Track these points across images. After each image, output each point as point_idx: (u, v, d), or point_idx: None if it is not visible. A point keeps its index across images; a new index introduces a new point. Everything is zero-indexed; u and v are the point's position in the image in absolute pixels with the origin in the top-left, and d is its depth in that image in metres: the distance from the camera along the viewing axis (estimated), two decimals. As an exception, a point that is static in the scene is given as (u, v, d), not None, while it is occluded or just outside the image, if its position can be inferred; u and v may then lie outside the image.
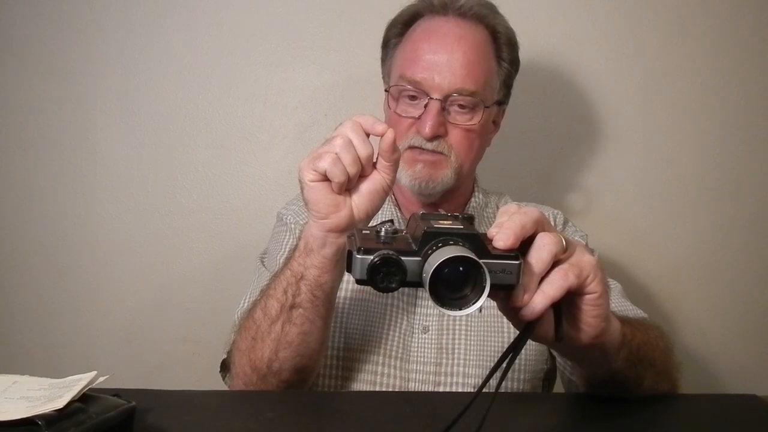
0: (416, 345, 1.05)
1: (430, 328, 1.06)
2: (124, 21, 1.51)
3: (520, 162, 1.53)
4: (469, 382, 1.03)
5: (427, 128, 1.05)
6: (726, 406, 0.87)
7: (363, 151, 0.80)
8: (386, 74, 1.19)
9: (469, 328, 1.06)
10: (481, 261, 0.56)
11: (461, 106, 1.08)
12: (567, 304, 0.65)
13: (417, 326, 1.06)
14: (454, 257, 0.56)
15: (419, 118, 1.07)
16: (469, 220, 0.64)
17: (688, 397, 0.88)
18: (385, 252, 0.58)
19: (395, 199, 1.18)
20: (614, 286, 1.13)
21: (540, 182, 1.54)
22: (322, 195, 0.81)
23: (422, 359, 1.05)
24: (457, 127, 1.08)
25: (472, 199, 1.20)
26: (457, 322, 1.06)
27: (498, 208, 1.21)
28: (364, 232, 0.62)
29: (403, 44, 1.14)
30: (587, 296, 0.65)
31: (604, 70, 1.52)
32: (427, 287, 0.57)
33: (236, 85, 1.53)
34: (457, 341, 1.05)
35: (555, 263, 0.63)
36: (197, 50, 1.52)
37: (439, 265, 0.56)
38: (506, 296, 0.62)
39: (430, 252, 0.57)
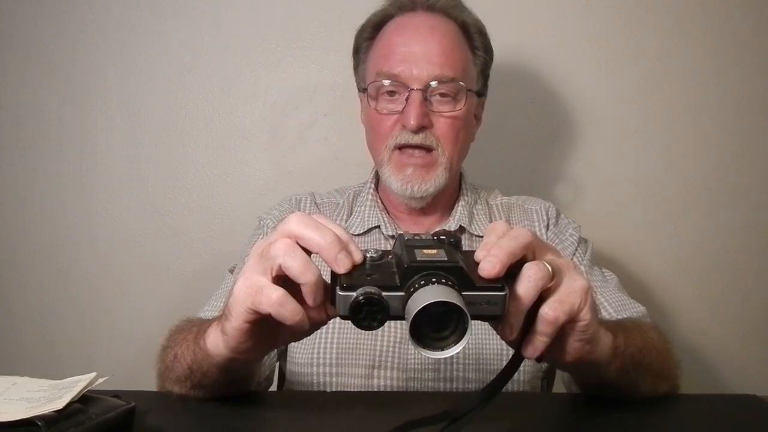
0: (413, 353, 1.03)
1: None
2: (124, 21, 1.51)
3: (521, 162, 1.53)
4: (469, 387, 1.02)
5: (412, 119, 1.03)
6: (726, 406, 0.87)
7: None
8: (360, 79, 1.16)
9: None
10: (464, 298, 0.55)
11: (443, 95, 1.06)
12: None
13: None
14: (436, 302, 0.53)
15: (402, 111, 1.05)
16: (455, 245, 0.61)
17: (688, 397, 0.88)
18: (368, 290, 0.56)
19: (382, 203, 1.16)
20: (610, 278, 1.12)
21: (541, 182, 1.54)
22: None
23: (420, 367, 1.02)
24: (442, 117, 1.06)
25: (461, 199, 1.16)
26: None
27: (488, 203, 1.19)
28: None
29: (375, 45, 1.13)
30: (575, 323, 0.63)
31: (604, 70, 1.52)
32: (408, 330, 0.55)
33: (236, 85, 1.53)
34: None
35: (544, 292, 0.61)
36: (197, 50, 1.52)
37: (420, 309, 0.54)
38: (494, 324, 0.62)
39: (412, 290, 0.55)
